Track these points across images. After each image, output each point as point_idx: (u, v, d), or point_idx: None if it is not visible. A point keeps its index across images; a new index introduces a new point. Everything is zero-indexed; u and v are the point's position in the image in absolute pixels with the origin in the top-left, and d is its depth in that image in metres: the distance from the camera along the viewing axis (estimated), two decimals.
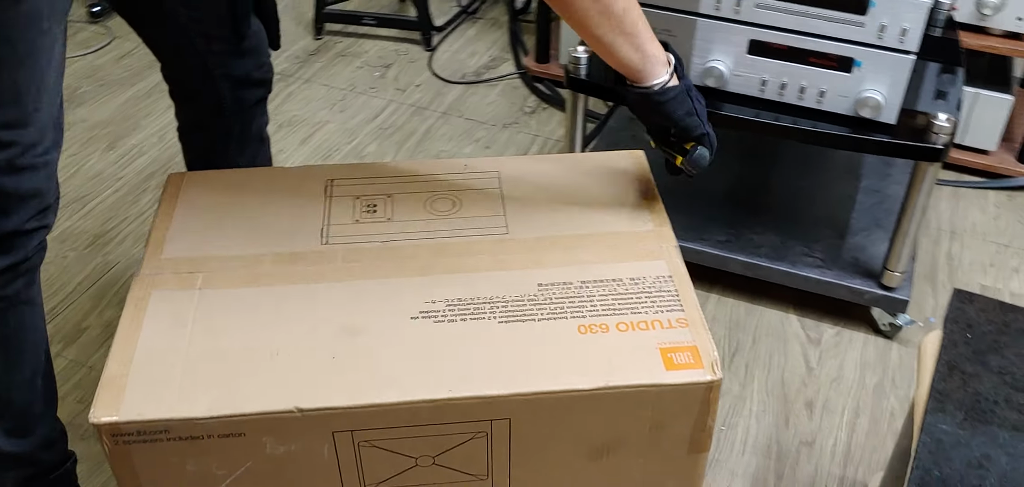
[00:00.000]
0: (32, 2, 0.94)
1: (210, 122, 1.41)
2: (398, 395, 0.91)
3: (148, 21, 1.31)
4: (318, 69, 2.60)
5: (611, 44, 1.04)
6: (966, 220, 2.04)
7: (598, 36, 1.03)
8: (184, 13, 1.28)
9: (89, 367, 1.64)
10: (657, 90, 1.08)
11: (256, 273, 1.05)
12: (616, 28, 1.03)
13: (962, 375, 1.04)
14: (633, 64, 1.06)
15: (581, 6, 1.00)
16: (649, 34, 1.06)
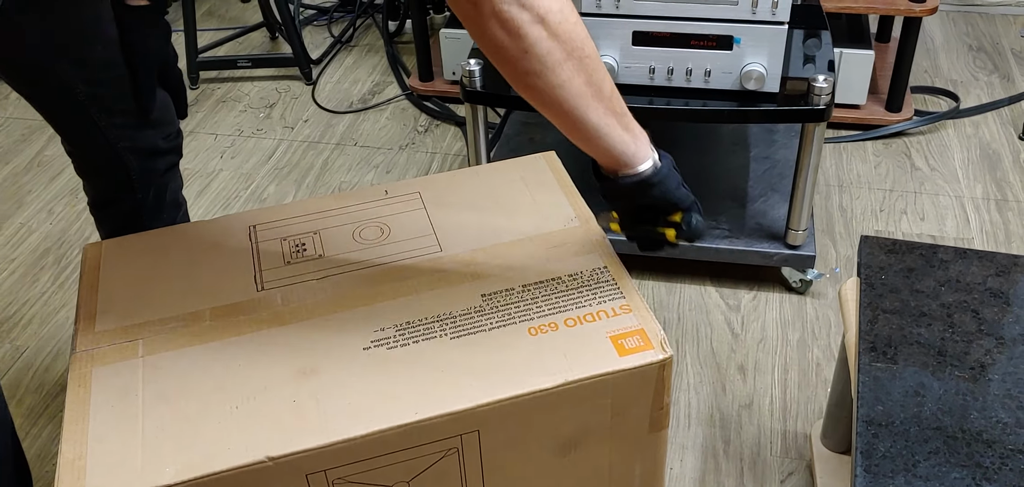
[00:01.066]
0: None
1: (121, 196, 1.37)
2: (366, 427, 0.91)
3: (44, 95, 1.27)
4: (201, 119, 2.55)
5: (601, 128, 0.94)
6: (851, 172, 2.16)
7: (589, 123, 0.94)
8: (82, 88, 1.23)
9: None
10: (651, 172, 0.98)
11: (197, 330, 1.03)
12: (607, 110, 0.94)
13: (884, 314, 1.11)
14: (627, 148, 0.97)
15: (576, 88, 0.91)
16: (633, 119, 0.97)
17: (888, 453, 0.95)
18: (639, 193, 1.00)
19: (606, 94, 0.94)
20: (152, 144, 1.34)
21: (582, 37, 0.90)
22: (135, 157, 1.33)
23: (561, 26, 0.88)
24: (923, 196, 2.07)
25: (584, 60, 0.91)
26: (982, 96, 2.44)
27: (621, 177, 0.99)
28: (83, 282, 1.12)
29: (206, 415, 0.93)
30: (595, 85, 0.92)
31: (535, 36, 0.87)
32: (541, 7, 0.86)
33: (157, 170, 1.37)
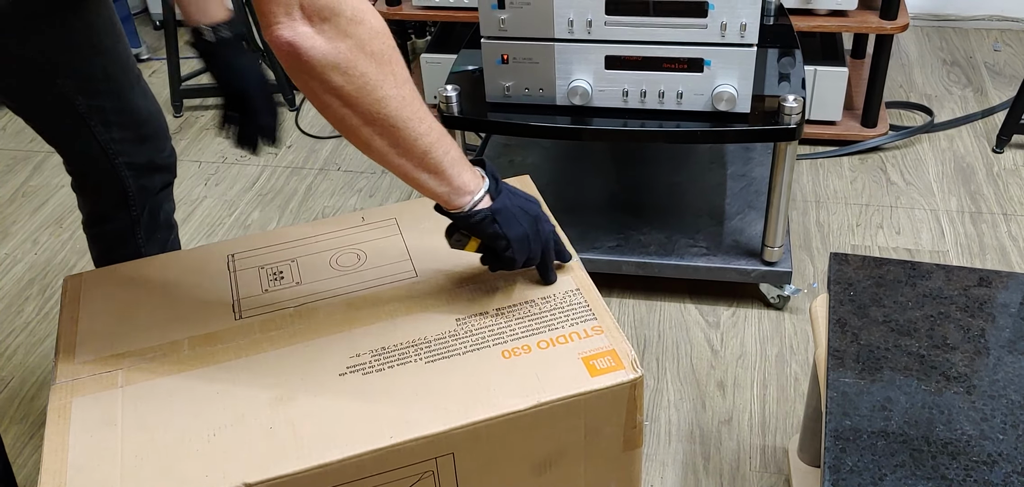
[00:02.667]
0: None
1: (116, 212, 1.39)
2: (341, 452, 0.92)
3: (45, 113, 1.29)
4: (185, 146, 2.57)
5: (414, 180, 0.99)
6: (827, 188, 2.19)
7: (401, 173, 0.99)
8: (83, 101, 1.26)
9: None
10: (468, 212, 1.02)
11: (176, 360, 1.04)
12: (419, 166, 0.97)
13: (853, 330, 1.13)
14: (440, 196, 1.01)
15: (377, 148, 0.95)
16: (458, 165, 1.00)
17: (855, 467, 0.97)
18: (463, 224, 1.04)
19: (417, 154, 0.96)
20: (148, 159, 1.36)
21: (378, 103, 0.91)
22: (131, 173, 1.35)
23: (355, 97, 0.90)
24: (899, 210, 2.10)
25: (385, 126, 0.93)
26: (956, 110, 2.47)
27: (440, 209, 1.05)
28: (63, 313, 1.14)
29: (184, 443, 0.94)
30: (403, 145, 0.95)
31: (329, 102, 0.90)
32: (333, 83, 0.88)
33: (152, 187, 1.39)
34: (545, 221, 1.09)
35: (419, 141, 0.95)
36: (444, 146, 0.98)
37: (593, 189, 2.04)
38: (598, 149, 2.17)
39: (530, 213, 1.06)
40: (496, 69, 1.65)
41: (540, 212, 1.08)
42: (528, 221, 1.05)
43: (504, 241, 1.03)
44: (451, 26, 2.62)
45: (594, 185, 2.05)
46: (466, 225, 1.03)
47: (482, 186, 1.02)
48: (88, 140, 1.30)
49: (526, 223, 1.05)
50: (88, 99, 1.27)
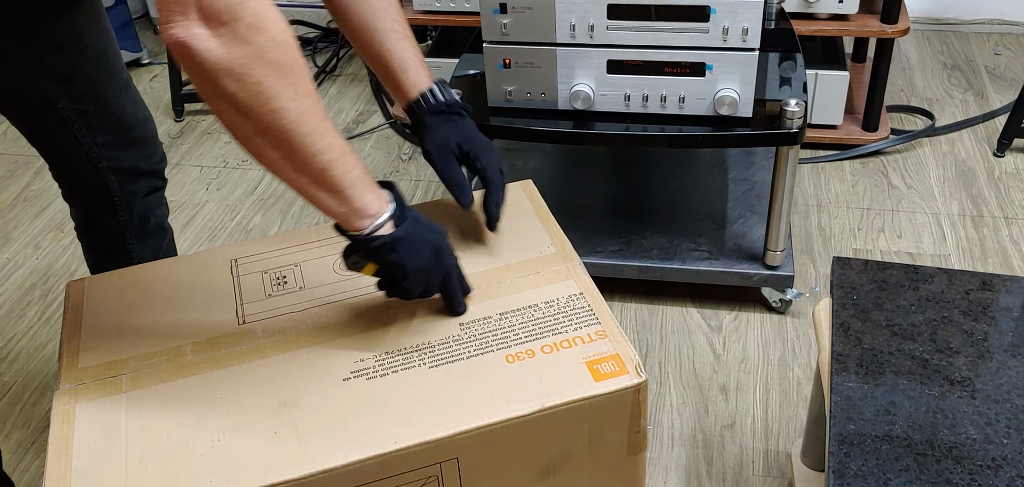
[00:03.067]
0: None
1: (104, 218, 1.39)
2: (345, 456, 0.92)
3: (29, 115, 1.29)
4: (186, 150, 2.57)
5: (312, 197, 0.96)
6: (829, 192, 2.19)
7: (298, 189, 0.95)
8: (66, 104, 1.26)
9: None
10: (364, 237, 0.99)
11: (180, 365, 1.04)
12: (315, 182, 0.94)
13: (856, 334, 1.13)
14: (338, 216, 0.98)
15: (271, 160, 0.92)
16: (360, 185, 0.97)
17: (860, 471, 0.96)
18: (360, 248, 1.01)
19: (314, 171, 0.93)
20: (133, 164, 1.36)
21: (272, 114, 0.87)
22: (116, 177, 1.35)
23: (249, 105, 0.86)
24: (900, 214, 2.10)
25: (280, 138, 0.89)
26: (957, 114, 2.47)
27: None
28: (66, 319, 1.14)
29: (188, 449, 0.94)
30: (298, 159, 0.91)
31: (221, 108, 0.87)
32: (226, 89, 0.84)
33: (138, 192, 1.39)
34: (448, 254, 1.06)
35: (317, 157, 0.92)
36: (346, 165, 0.94)
37: (595, 193, 2.04)
38: (600, 153, 2.18)
39: (433, 244, 1.04)
40: (498, 73, 1.66)
41: (444, 244, 1.06)
42: (429, 253, 1.03)
43: (402, 271, 1.01)
44: (452, 30, 2.62)
45: (596, 189, 2.05)
46: (364, 249, 1.00)
47: (385, 211, 0.99)
48: (72, 144, 1.30)
49: (427, 255, 1.02)
50: (72, 103, 1.26)
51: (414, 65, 1.18)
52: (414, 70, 1.18)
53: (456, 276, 1.07)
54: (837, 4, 2.13)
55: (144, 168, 1.38)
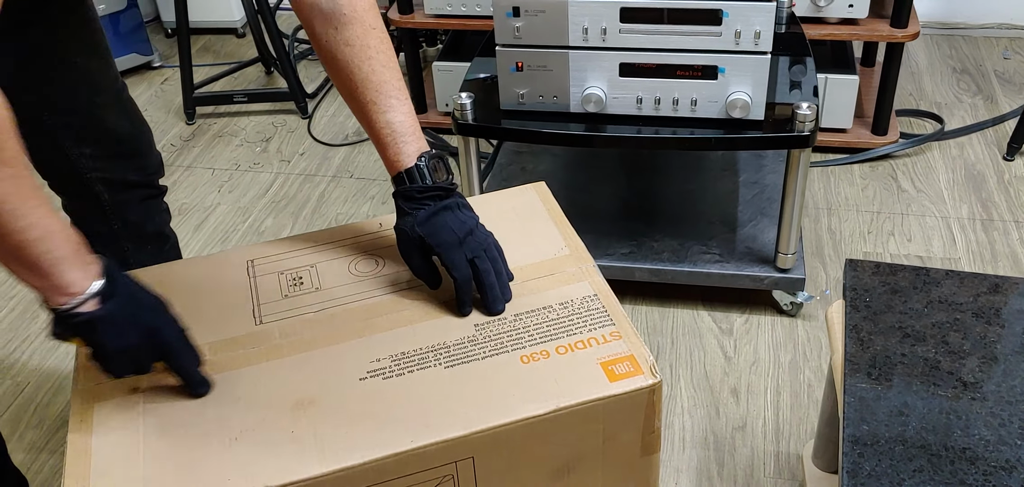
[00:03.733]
0: None
1: (97, 225, 1.40)
2: (362, 456, 0.93)
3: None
4: (198, 154, 2.58)
5: (10, 270, 0.91)
6: (839, 195, 2.19)
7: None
8: (49, 117, 1.26)
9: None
10: (62, 313, 0.94)
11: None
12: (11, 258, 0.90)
13: (868, 336, 1.14)
14: (38, 290, 0.94)
15: None
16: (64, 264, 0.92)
17: (874, 472, 0.97)
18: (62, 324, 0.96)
19: (10, 244, 0.89)
20: (123, 176, 1.36)
21: None
22: (106, 188, 1.35)
23: None
24: (910, 217, 2.10)
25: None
26: (966, 118, 2.48)
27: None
28: None
29: (205, 447, 0.95)
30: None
31: None
32: None
33: (131, 201, 1.39)
34: (166, 330, 0.99)
35: (14, 235, 0.88)
36: (49, 244, 0.91)
37: (606, 196, 2.05)
38: (611, 156, 2.18)
39: (143, 323, 0.98)
40: (510, 76, 1.66)
41: (160, 321, 0.99)
42: (136, 333, 0.97)
43: (103, 350, 0.96)
44: (462, 34, 2.63)
45: (607, 192, 2.06)
46: (65, 325, 0.95)
47: (87, 289, 0.94)
48: (59, 156, 1.30)
49: (132, 336, 0.97)
50: (55, 116, 1.27)
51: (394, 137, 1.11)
52: (393, 145, 1.11)
53: (181, 350, 1.00)
54: (847, 8, 2.13)
55: (134, 179, 1.38)
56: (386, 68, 1.10)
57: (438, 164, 1.11)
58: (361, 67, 1.08)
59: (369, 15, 1.09)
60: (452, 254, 1.08)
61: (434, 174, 1.10)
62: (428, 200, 1.09)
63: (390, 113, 1.10)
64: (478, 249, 1.09)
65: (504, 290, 1.11)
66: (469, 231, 1.10)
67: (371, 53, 1.09)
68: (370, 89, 1.09)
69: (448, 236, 1.08)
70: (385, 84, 1.09)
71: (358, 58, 1.08)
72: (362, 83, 1.09)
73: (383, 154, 1.12)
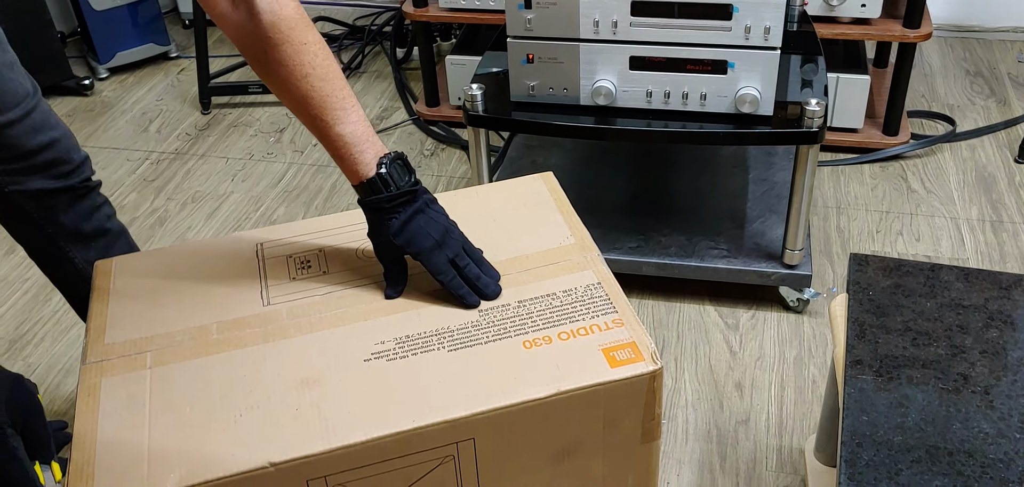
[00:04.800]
0: None
1: (30, 234, 1.40)
2: (365, 434, 0.94)
3: None
4: (212, 143, 2.60)
5: None
6: (848, 194, 2.19)
7: None
8: None
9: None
10: None
11: (204, 343, 1.07)
12: None
13: (871, 330, 1.14)
14: None
15: None
16: None
17: (871, 462, 0.98)
18: None
19: None
20: (40, 187, 1.35)
21: None
22: (27, 199, 1.35)
23: None
24: (919, 218, 2.10)
25: None
26: (978, 120, 2.47)
27: None
28: (94, 296, 1.16)
29: (210, 423, 0.96)
30: None
31: None
32: None
33: (57, 206, 1.38)
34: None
35: None
36: None
37: (615, 190, 2.05)
38: (621, 151, 2.19)
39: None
40: (521, 69, 1.67)
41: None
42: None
43: None
44: (477, 28, 2.64)
45: (616, 186, 2.07)
46: None
47: None
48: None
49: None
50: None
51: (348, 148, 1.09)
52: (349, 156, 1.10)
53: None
54: (860, 8, 2.13)
55: (52, 187, 1.36)
56: (325, 81, 1.07)
57: (398, 165, 1.10)
58: (299, 86, 1.07)
59: (297, 32, 1.05)
60: (434, 259, 1.09)
61: (396, 178, 1.09)
62: (399, 207, 1.09)
63: (339, 126, 1.08)
64: (457, 247, 1.11)
65: (490, 272, 1.12)
66: (444, 230, 1.11)
67: (306, 70, 1.06)
68: (313, 106, 1.08)
69: (426, 241, 1.09)
70: (328, 98, 1.07)
71: (294, 78, 1.06)
72: (304, 101, 1.08)
73: (342, 166, 1.11)
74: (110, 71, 3.04)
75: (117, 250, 1.47)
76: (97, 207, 1.44)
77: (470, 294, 1.10)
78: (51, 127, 1.34)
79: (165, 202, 2.35)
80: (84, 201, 1.41)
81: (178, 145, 2.60)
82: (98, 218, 1.44)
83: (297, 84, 1.06)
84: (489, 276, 1.12)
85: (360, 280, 1.15)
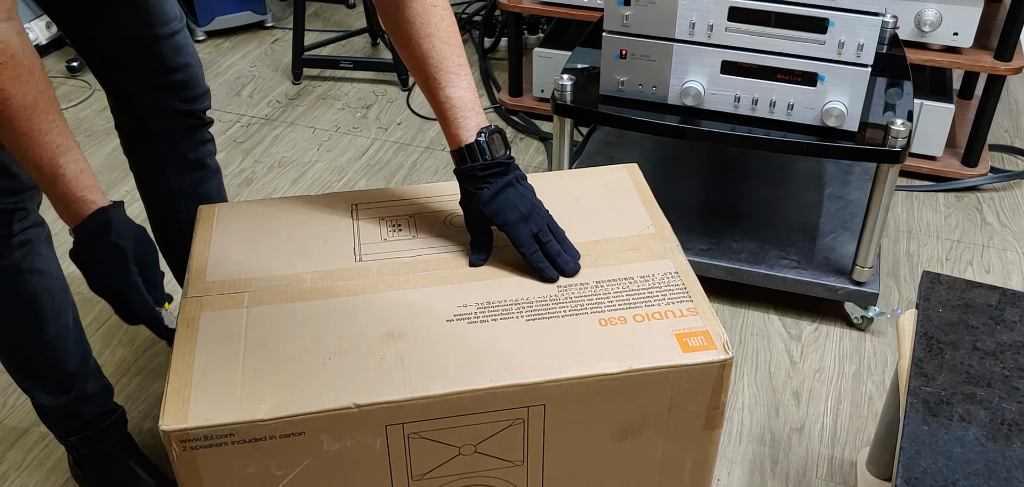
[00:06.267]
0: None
1: (141, 147, 1.50)
2: (444, 387, 1.00)
3: (79, 49, 1.41)
4: (301, 112, 2.69)
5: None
6: (921, 220, 2.20)
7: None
8: (106, 44, 1.37)
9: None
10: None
11: (299, 290, 1.13)
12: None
13: (938, 345, 1.17)
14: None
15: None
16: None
17: (928, 470, 1.00)
18: None
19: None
20: (169, 105, 1.45)
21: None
22: (153, 114, 1.45)
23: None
24: (991, 250, 2.10)
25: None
26: None
27: None
28: (197, 237, 1.24)
29: (301, 362, 1.02)
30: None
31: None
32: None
33: (175, 128, 1.48)
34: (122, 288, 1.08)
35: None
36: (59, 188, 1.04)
37: (690, 193, 2.09)
38: (700, 155, 2.22)
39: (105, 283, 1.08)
40: (613, 63, 1.72)
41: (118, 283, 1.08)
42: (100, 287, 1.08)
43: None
44: (566, 24, 2.69)
45: (691, 189, 2.10)
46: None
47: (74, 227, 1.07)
48: (111, 80, 1.41)
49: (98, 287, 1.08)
50: (110, 45, 1.37)
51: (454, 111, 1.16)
52: (453, 119, 1.16)
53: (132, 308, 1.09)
54: (951, 36, 2.13)
55: (180, 109, 1.47)
56: (446, 44, 1.15)
57: (496, 138, 1.16)
58: (421, 44, 1.14)
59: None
60: (518, 231, 1.14)
61: (493, 149, 1.15)
62: (491, 178, 1.15)
63: (449, 88, 1.15)
64: (541, 223, 1.15)
65: (570, 251, 1.17)
66: (531, 206, 1.16)
67: (431, 30, 1.14)
68: (430, 65, 1.15)
69: (513, 214, 1.14)
70: (445, 60, 1.15)
71: (418, 35, 1.14)
72: (423, 59, 1.15)
73: (445, 129, 1.17)
74: (207, 34, 3.16)
75: (209, 186, 1.58)
76: (204, 142, 1.54)
77: (549, 268, 1.14)
78: (189, 53, 1.46)
79: (253, 164, 2.45)
80: (197, 132, 1.52)
81: (268, 111, 2.70)
82: (202, 152, 1.54)
83: (420, 42, 1.14)
84: (569, 254, 1.16)
85: (447, 247, 1.21)
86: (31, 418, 1.67)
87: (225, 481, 1.00)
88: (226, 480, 1.00)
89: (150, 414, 1.70)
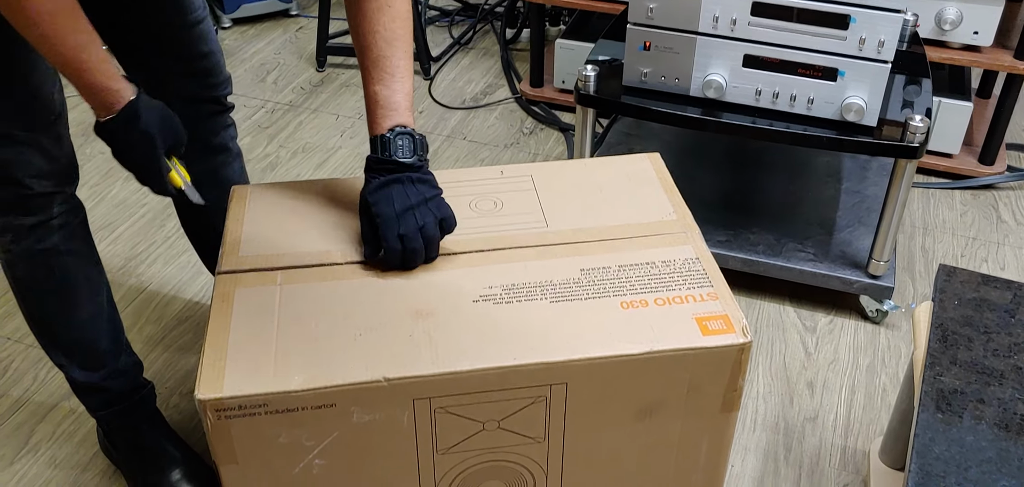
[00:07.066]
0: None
1: None
2: (470, 364, 1.03)
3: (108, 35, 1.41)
4: (325, 99, 2.73)
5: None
6: (937, 217, 2.22)
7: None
8: (134, 36, 1.41)
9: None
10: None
11: (330, 270, 1.16)
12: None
13: (953, 336, 1.19)
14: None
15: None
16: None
17: (942, 456, 1.03)
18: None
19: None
20: (193, 93, 1.49)
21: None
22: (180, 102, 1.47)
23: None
24: (1006, 248, 2.12)
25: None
26: None
27: None
28: (230, 215, 1.27)
29: (332, 338, 1.06)
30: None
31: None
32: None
33: (199, 115, 1.51)
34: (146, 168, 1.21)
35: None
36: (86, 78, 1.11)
37: (709, 185, 2.11)
38: (719, 149, 2.24)
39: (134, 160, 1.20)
40: (637, 55, 1.74)
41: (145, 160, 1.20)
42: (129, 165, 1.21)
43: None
44: (588, 16, 2.71)
45: (710, 181, 2.13)
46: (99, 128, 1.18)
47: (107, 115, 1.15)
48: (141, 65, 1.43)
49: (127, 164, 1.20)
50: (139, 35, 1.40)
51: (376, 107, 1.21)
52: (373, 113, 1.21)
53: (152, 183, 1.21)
54: (972, 35, 2.15)
55: (203, 96, 1.51)
56: (389, 45, 1.19)
57: (406, 140, 1.19)
58: (365, 36, 1.20)
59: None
60: (385, 228, 1.15)
61: (397, 148, 1.18)
62: (384, 172, 1.18)
63: (378, 85, 1.20)
64: (412, 228, 1.15)
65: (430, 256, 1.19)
66: (409, 206, 1.16)
67: (379, 28, 1.19)
68: (369, 59, 1.20)
69: (385, 209, 1.15)
70: (383, 59, 1.19)
71: (365, 29, 1.19)
72: (363, 51, 1.20)
73: (368, 120, 1.23)
74: (233, 21, 3.20)
75: (231, 169, 1.61)
76: (226, 126, 1.58)
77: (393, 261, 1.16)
78: (212, 41, 1.50)
79: (277, 149, 2.49)
80: (219, 117, 1.55)
81: (292, 98, 2.73)
82: (225, 136, 1.58)
83: (365, 35, 1.20)
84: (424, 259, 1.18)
85: (473, 230, 1.24)
86: (62, 392, 1.72)
87: (257, 450, 1.04)
88: (258, 449, 1.04)
89: (177, 390, 1.73)
